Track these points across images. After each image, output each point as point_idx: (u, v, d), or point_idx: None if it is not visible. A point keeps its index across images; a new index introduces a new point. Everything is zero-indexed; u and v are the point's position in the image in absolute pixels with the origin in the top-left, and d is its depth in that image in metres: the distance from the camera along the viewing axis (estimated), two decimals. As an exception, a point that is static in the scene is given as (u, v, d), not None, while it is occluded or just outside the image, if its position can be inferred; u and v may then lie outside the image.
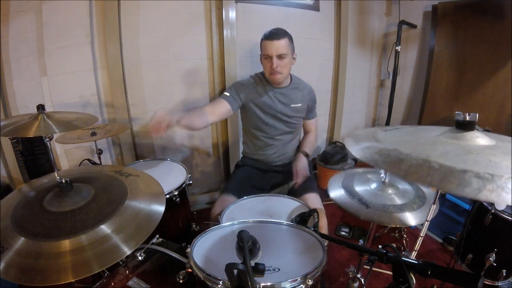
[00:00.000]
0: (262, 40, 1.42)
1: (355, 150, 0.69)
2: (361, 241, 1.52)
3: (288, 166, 1.61)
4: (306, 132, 1.73)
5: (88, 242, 0.68)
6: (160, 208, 0.82)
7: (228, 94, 1.47)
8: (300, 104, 1.55)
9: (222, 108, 1.43)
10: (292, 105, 1.53)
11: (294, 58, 1.47)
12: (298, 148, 1.65)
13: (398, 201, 1.04)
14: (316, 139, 1.73)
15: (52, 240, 0.67)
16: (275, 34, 1.37)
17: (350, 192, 1.10)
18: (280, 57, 1.38)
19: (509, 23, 1.77)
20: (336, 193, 1.11)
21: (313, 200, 1.37)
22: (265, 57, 1.41)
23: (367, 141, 0.71)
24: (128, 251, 0.68)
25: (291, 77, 1.56)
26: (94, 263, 0.64)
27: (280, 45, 1.37)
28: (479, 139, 0.64)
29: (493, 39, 1.89)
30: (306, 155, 1.53)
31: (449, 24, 2.13)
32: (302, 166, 1.45)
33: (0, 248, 0.65)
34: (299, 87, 1.57)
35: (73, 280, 0.61)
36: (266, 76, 1.49)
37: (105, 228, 0.71)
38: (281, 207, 1.19)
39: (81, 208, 0.76)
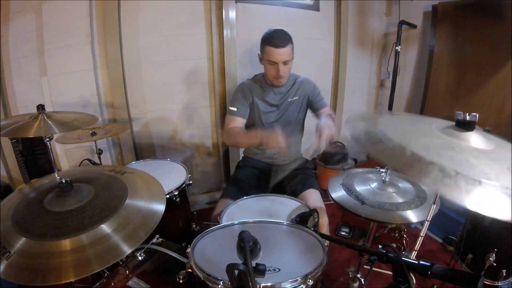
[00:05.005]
0: (265, 45, 1.38)
1: (348, 126, 0.70)
2: (361, 241, 1.51)
3: (288, 163, 1.61)
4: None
5: (88, 241, 0.68)
6: (161, 207, 0.82)
7: (235, 109, 1.48)
8: (298, 97, 1.56)
9: (243, 122, 1.51)
10: (289, 99, 1.54)
11: (293, 58, 1.48)
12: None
13: (398, 199, 1.05)
14: (335, 121, 1.43)
15: (61, 238, 0.68)
16: (280, 41, 1.34)
17: (348, 190, 1.11)
18: (284, 63, 1.39)
19: (509, 23, 1.77)
20: (336, 191, 1.12)
21: (314, 196, 1.37)
22: (270, 63, 1.39)
23: (362, 121, 0.72)
24: (128, 250, 0.68)
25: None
26: (94, 262, 0.65)
27: (285, 52, 1.36)
28: (475, 140, 0.63)
29: (493, 39, 1.89)
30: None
31: (449, 24, 2.13)
32: (327, 125, 1.26)
33: (5, 251, 0.65)
34: (296, 81, 1.57)
35: (73, 280, 0.62)
36: (269, 80, 1.49)
37: (105, 228, 0.72)
38: (281, 207, 1.19)
39: (85, 205, 0.77)
